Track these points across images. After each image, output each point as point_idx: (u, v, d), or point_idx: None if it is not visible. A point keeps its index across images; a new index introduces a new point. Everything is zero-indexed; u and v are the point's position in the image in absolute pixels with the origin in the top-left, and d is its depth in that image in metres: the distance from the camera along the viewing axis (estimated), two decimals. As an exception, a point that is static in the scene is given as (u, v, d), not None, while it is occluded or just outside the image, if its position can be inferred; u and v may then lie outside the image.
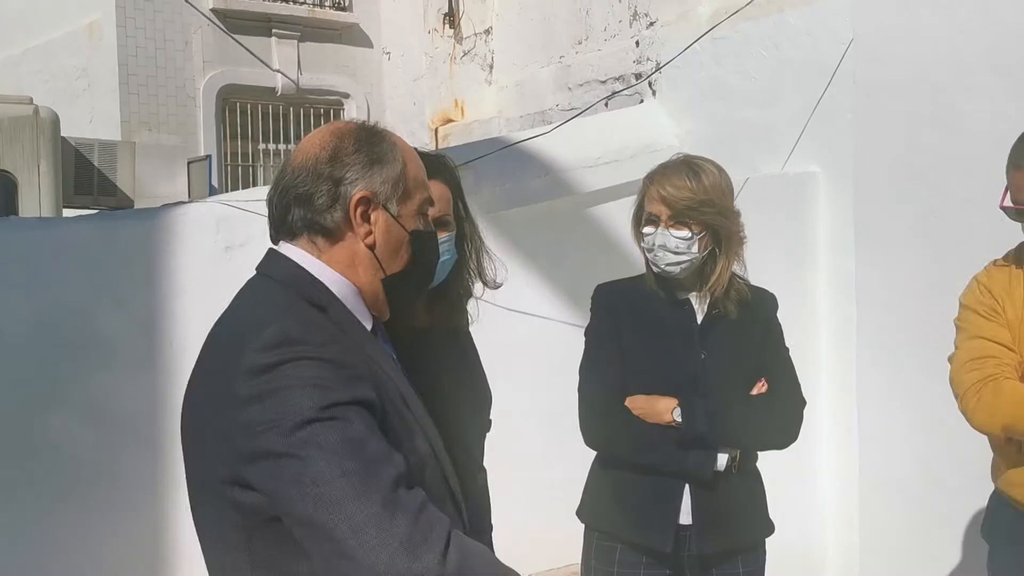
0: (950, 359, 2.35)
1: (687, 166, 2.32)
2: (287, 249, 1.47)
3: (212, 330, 1.46)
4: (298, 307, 1.41)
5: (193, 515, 1.45)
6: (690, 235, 2.28)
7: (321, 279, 1.45)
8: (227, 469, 1.31)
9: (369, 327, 1.49)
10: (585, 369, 2.43)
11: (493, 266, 2.13)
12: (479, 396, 2.16)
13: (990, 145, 2.48)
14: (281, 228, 1.49)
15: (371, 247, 1.46)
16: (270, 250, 1.50)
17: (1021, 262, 2.31)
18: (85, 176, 7.26)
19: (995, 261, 2.39)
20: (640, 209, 2.38)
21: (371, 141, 1.47)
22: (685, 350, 2.34)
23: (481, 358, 2.23)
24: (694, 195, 2.27)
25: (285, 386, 1.27)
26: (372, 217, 1.45)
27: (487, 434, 2.22)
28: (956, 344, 2.33)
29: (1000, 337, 2.23)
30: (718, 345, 2.35)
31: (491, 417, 2.20)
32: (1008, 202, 2.22)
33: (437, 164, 2.01)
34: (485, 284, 2.13)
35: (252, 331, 1.33)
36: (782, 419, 2.39)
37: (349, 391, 1.29)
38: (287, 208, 1.46)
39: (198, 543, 1.49)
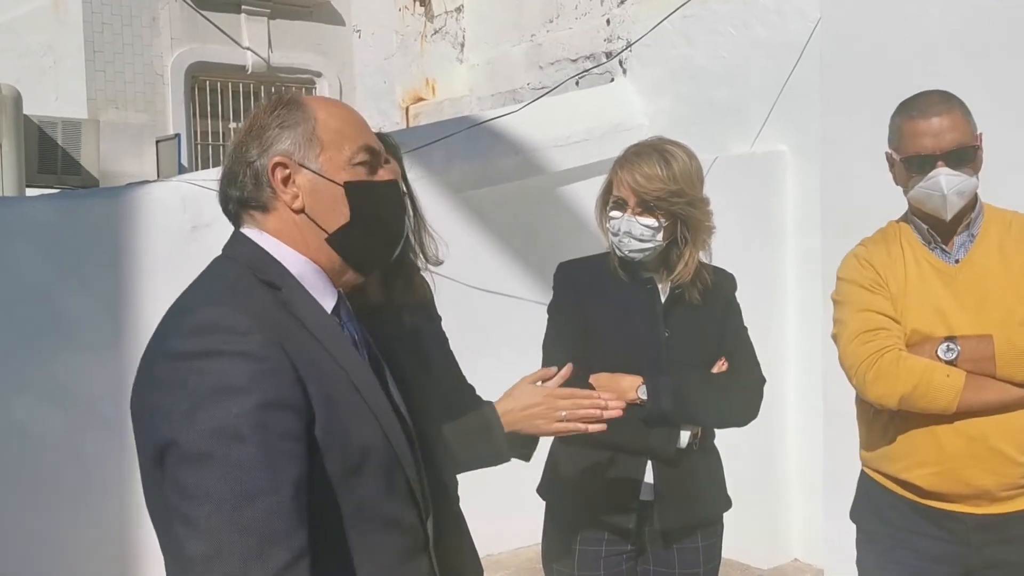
0: (835, 337, 2.35)
1: (658, 153, 2.29)
2: (248, 231, 1.48)
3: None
4: (244, 288, 1.40)
5: (143, 491, 1.47)
6: (656, 224, 2.27)
7: (279, 259, 1.45)
8: (152, 448, 1.32)
9: (331, 306, 1.47)
10: (548, 347, 2.43)
11: (434, 243, 2.09)
12: (440, 374, 2.16)
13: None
14: (228, 215, 1.51)
15: (301, 210, 1.45)
16: (234, 231, 1.51)
17: (891, 241, 2.35)
18: (49, 155, 7.16)
19: (863, 241, 2.43)
20: (608, 192, 2.37)
21: (284, 110, 1.48)
22: (649, 329, 2.34)
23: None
24: (664, 185, 2.25)
25: (194, 383, 1.27)
26: (296, 180, 1.45)
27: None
28: (839, 318, 2.34)
29: (887, 310, 2.25)
30: (681, 324, 2.35)
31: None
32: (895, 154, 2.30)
33: (386, 140, 2.06)
34: (427, 260, 2.09)
35: (184, 313, 1.35)
36: (743, 397, 2.41)
37: (258, 392, 1.27)
38: (226, 194, 1.49)
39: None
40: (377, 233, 1.50)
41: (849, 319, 2.27)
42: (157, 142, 8.40)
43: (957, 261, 2.27)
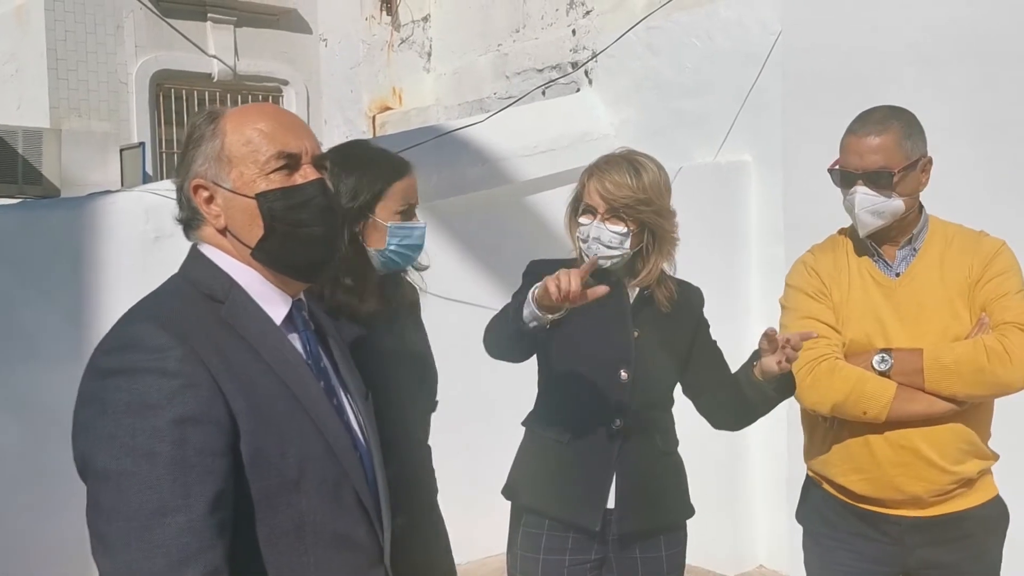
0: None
1: (628, 162, 2.34)
2: (200, 246, 1.49)
3: None
4: (179, 303, 1.40)
5: None
6: (625, 231, 2.30)
7: (228, 271, 1.45)
8: (77, 462, 1.33)
9: (282, 313, 1.46)
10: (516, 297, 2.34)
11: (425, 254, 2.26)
12: (428, 374, 2.22)
13: (912, 135, 2.58)
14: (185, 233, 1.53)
15: (225, 228, 1.44)
16: (191, 246, 1.51)
17: (837, 250, 2.42)
18: (9, 164, 7.08)
19: (812, 248, 2.50)
20: (577, 200, 2.39)
21: (199, 128, 1.47)
22: (618, 328, 2.36)
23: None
24: (633, 193, 2.29)
25: (110, 400, 1.28)
26: (217, 199, 1.44)
27: (432, 413, 2.27)
28: (783, 324, 2.40)
29: (828, 318, 2.31)
30: (650, 326, 2.38)
31: (437, 399, 2.26)
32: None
33: (405, 162, 2.17)
34: (416, 267, 2.25)
35: (112, 329, 1.36)
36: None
37: (173, 409, 1.27)
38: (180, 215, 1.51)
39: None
40: (300, 238, 1.45)
41: (792, 325, 2.33)
42: (121, 151, 8.32)
43: (898, 275, 2.33)
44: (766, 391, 2.23)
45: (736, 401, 2.34)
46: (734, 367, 2.43)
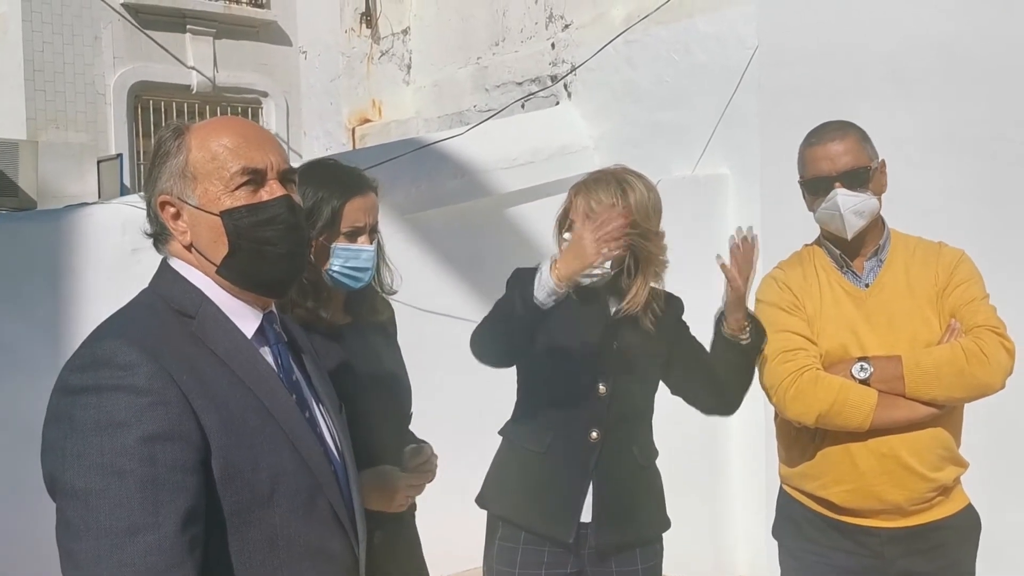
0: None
1: (617, 181, 2.32)
2: (170, 260, 1.48)
3: None
4: (149, 319, 1.39)
5: None
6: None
7: (199, 285, 1.44)
8: (46, 480, 1.32)
9: (253, 327, 1.46)
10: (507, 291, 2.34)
11: (391, 274, 2.25)
12: (400, 388, 2.23)
13: (887, 147, 2.59)
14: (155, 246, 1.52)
15: (191, 245, 1.44)
16: (160, 261, 1.50)
17: (805, 264, 2.45)
18: (-15, 176, 7.05)
19: (780, 264, 2.53)
20: (565, 215, 2.40)
21: (165, 143, 1.46)
22: (599, 337, 2.37)
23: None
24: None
25: (78, 418, 1.27)
26: (183, 216, 1.44)
27: (408, 426, 2.31)
28: None
29: (804, 331, 2.35)
30: (630, 337, 2.38)
31: (411, 412, 2.27)
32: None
33: (366, 179, 2.15)
34: (382, 289, 2.23)
35: (81, 346, 1.35)
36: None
37: (141, 426, 1.27)
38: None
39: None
40: (265, 256, 1.44)
41: (769, 340, 2.34)
42: (99, 162, 8.29)
43: (867, 285, 2.37)
44: (739, 342, 2.27)
45: (721, 381, 2.36)
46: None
